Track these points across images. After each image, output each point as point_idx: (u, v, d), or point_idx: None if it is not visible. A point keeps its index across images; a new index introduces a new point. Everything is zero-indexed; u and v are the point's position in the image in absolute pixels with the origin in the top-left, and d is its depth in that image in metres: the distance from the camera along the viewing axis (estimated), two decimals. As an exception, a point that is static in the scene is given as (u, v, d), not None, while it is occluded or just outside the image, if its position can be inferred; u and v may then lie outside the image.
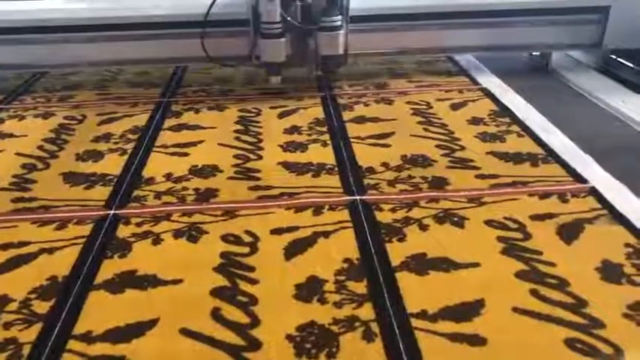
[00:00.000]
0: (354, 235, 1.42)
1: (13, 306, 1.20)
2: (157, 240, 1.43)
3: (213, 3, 2.23)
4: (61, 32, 2.32)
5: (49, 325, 1.15)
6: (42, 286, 1.26)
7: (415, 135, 1.97)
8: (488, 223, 1.46)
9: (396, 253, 1.35)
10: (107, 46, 2.35)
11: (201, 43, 2.27)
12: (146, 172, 1.76)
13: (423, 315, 1.16)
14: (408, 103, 2.24)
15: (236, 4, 2.27)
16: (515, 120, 2.07)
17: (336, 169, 1.76)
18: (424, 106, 2.20)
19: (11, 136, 2.04)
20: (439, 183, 1.66)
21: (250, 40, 2.28)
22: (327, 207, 1.55)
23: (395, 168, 1.74)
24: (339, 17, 2.20)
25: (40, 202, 1.60)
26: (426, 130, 2.00)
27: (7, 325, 1.15)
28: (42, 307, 1.20)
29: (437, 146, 1.88)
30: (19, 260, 1.36)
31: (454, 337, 1.10)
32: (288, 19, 2.16)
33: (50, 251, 1.39)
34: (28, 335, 1.13)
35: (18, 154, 1.89)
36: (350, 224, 1.47)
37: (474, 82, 2.46)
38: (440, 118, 2.09)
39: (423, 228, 1.44)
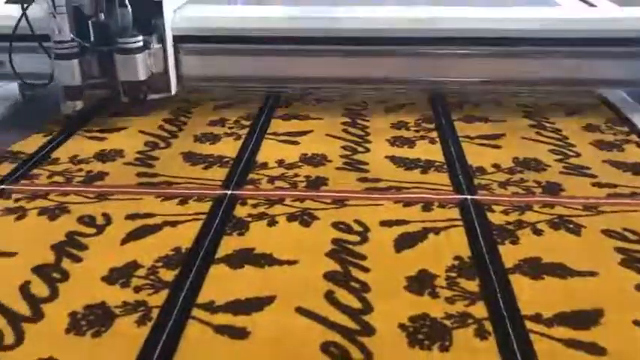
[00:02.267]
0: (464, 234, 1.42)
1: (142, 272, 1.29)
2: (272, 222, 1.48)
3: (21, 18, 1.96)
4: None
5: (175, 293, 1.23)
6: (167, 256, 1.34)
7: (527, 138, 1.93)
8: (606, 232, 1.42)
9: (509, 255, 1.34)
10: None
11: (10, 61, 1.99)
12: (259, 157, 1.83)
13: (537, 318, 1.14)
14: (519, 105, 2.20)
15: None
16: (634, 129, 1.99)
17: (445, 166, 1.75)
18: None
19: (134, 115, 2.17)
20: (553, 188, 1.62)
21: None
22: (436, 204, 1.55)
23: (506, 170, 1.72)
24: (138, 39, 1.95)
25: (162, 178, 1.71)
26: (538, 133, 1.96)
27: (137, 289, 1.24)
28: (168, 275, 1.28)
29: (550, 151, 1.84)
30: (145, 230, 1.45)
31: (571, 344, 1.08)
32: (73, 37, 1.90)
33: (173, 224, 1.47)
34: (156, 300, 1.21)
35: (141, 132, 2.02)
36: (460, 223, 1.47)
37: (590, 88, 2.37)
38: (553, 123, 2.04)
39: (537, 232, 1.42)
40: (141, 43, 1.96)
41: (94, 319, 1.15)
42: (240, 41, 2.12)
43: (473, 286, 1.24)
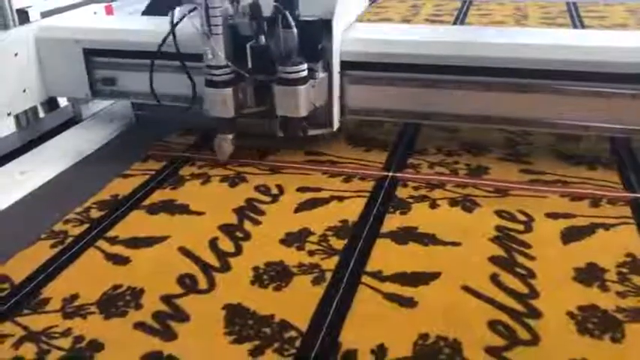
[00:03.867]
0: (637, 232, 1.38)
1: (314, 238, 1.40)
2: (434, 204, 1.53)
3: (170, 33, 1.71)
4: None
5: (345, 260, 1.32)
6: (336, 227, 1.44)
7: None
8: None
9: (687, 257, 1.28)
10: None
11: (150, 80, 1.79)
12: (418, 144, 1.87)
13: None
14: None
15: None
16: None
17: (614, 164, 1.70)
18: None
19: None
20: None
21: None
22: (605, 200, 1.51)
23: (683, 172, 1.63)
24: (302, 67, 1.62)
25: (327, 157, 1.81)
26: None
27: (311, 253, 1.34)
28: (337, 243, 1.38)
29: None
30: (315, 202, 1.56)
31: None
32: (228, 62, 1.65)
33: (340, 199, 1.57)
34: (329, 264, 1.30)
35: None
36: (632, 221, 1.42)
37: None
38: None
39: None
40: (305, 73, 1.64)
41: (275, 275, 1.27)
42: (416, 69, 1.72)
43: (647, 283, 1.21)
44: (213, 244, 1.39)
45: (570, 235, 1.38)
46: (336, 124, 1.78)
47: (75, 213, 1.54)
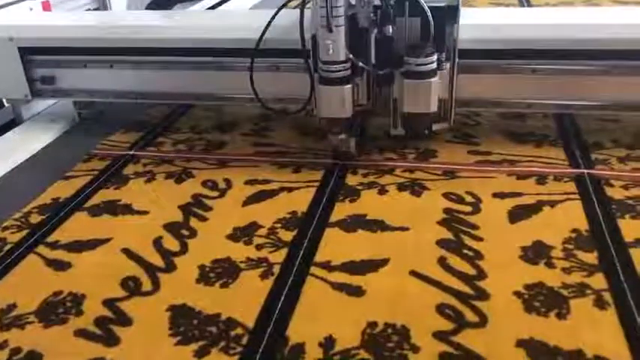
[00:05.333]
0: (582, 208, 1.39)
1: (263, 232, 1.37)
2: (383, 190, 1.52)
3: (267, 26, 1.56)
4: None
5: (294, 251, 1.30)
6: (285, 218, 1.42)
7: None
8: None
9: (630, 229, 1.30)
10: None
11: (250, 79, 1.60)
12: (369, 129, 1.86)
13: (662, 293, 1.11)
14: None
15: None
16: None
17: (560, 141, 1.71)
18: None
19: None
20: (678, 165, 1.54)
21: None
22: (551, 177, 1.52)
23: (626, 145, 1.65)
24: (432, 58, 1.47)
25: (276, 148, 1.78)
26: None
27: (259, 247, 1.32)
28: (286, 235, 1.36)
29: (675, 127, 1.74)
30: (263, 195, 1.53)
31: (699, 320, 1.05)
32: (351, 57, 1.47)
33: (289, 190, 1.55)
34: (277, 257, 1.28)
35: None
36: (577, 196, 1.44)
37: None
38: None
39: (661, 208, 1.37)
40: (436, 64, 1.48)
41: (222, 272, 1.24)
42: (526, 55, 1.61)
43: (591, 258, 1.22)
44: (157, 243, 1.35)
45: (517, 214, 1.38)
46: (452, 118, 1.64)
47: (14, 219, 1.48)
